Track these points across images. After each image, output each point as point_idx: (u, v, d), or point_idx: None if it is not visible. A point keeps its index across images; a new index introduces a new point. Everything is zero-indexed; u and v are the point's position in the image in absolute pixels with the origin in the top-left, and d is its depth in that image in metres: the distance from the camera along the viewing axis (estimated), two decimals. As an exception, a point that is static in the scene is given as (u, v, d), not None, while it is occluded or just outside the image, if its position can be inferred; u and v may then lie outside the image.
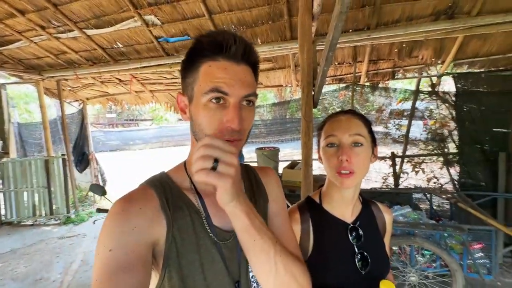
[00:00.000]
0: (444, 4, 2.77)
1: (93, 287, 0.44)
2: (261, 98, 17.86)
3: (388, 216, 0.86)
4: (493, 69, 3.46)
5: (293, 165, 3.56)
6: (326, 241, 0.77)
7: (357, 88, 4.11)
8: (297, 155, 5.93)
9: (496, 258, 2.84)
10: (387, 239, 0.85)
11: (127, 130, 17.51)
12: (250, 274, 0.60)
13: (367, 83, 4.11)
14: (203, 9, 3.04)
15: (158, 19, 3.23)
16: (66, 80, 4.71)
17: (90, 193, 5.78)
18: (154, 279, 0.52)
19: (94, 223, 2.26)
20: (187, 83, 0.54)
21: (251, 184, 0.68)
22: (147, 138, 16.49)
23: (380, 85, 4.15)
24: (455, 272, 2.22)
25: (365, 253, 0.76)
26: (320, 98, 2.82)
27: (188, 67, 0.54)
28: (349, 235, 0.77)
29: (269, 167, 0.75)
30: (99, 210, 2.21)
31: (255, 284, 0.61)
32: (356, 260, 0.75)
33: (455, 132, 3.77)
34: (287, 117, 8.59)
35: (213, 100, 0.50)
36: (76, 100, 5.57)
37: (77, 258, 3.47)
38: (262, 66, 3.83)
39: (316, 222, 0.78)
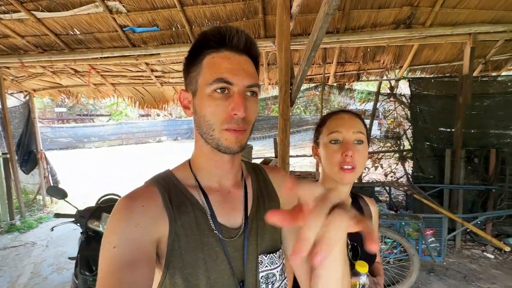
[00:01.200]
0: (404, 14, 3.04)
1: (98, 284, 0.44)
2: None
3: (374, 208, 0.92)
4: (440, 75, 3.92)
5: (266, 162, 3.61)
6: None
7: (326, 88, 4.31)
8: (269, 153, 6.02)
9: (444, 242, 3.24)
10: (375, 230, 0.91)
11: (81, 126, 15.93)
12: (260, 275, 0.58)
13: (335, 84, 4.33)
14: (175, 0, 2.90)
15: (124, 6, 2.99)
16: (8, 68, 4.10)
17: (39, 197, 5.15)
18: (158, 276, 0.51)
19: (52, 230, 2.02)
20: (191, 77, 0.55)
21: (259, 185, 0.66)
22: (104, 135, 15.21)
23: (346, 86, 4.41)
24: (412, 256, 2.47)
25: (355, 244, 0.81)
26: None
27: (192, 61, 0.54)
28: None
29: (278, 167, 0.75)
30: (58, 215, 1.97)
31: (263, 285, 0.58)
32: (347, 250, 0.78)
33: (409, 131, 4.19)
34: (257, 115, 8.66)
35: (218, 91, 0.50)
36: (21, 92, 4.89)
37: (26, 270, 3.07)
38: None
39: None
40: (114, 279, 0.43)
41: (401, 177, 4.50)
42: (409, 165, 4.31)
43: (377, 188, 4.31)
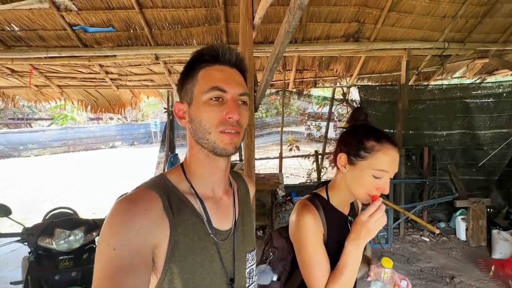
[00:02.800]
0: (352, 29, 3.39)
1: (95, 286, 0.44)
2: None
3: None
4: (384, 83, 4.44)
5: (231, 166, 3.65)
6: (335, 233, 0.85)
7: (286, 93, 4.54)
8: (233, 156, 6.06)
9: (391, 230, 3.67)
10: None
11: (15, 132, 13.92)
12: (247, 271, 0.65)
13: (294, 89, 4.59)
14: (133, 1, 2.79)
15: (74, 3, 2.77)
16: None
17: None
18: (152, 281, 0.52)
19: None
20: (186, 89, 0.60)
21: (242, 193, 0.75)
22: (45, 142, 13.54)
23: (304, 92, 4.70)
24: (365, 245, 2.76)
25: None
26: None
27: (188, 74, 0.60)
28: (348, 226, 0.89)
29: (250, 179, 0.84)
30: (0, 235, 1.75)
31: (248, 280, 0.65)
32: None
33: (360, 133, 4.65)
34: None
35: (213, 99, 0.56)
36: None
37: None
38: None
39: (328, 217, 0.85)
40: (115, 282, 0.43)
41: (354, 174, 4.95)
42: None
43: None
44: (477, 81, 4.74)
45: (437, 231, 1.31)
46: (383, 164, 0.77)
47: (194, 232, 0.56)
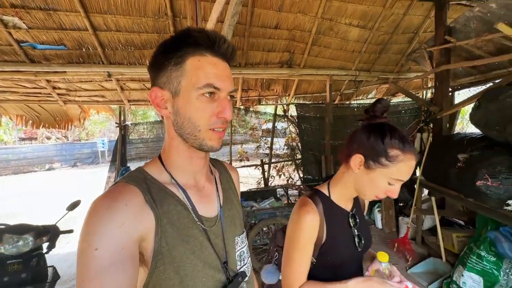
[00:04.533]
0: (285, 57, 4.13)
1: (78, 287, 0.43)
2: (141, 116, 16.69)
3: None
4: (315, 102, 5.30)
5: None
6: (336, 230, 0.85)
7: (234, 110, 5.07)
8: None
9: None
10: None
11: None
12: (237, 253, 0.66)
13: (242, 106, 5.15)
14: (87, 24, 3.02)
15: (24, 22, 2.88)
16: None
17: None
18: (142, 274, 0.52)
19: None
20: (171, 76, 0.54)
21: (224, 179, 0.75)
22: (-39, 166, 11.55)
23: (251, 109, 5.30)
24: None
25: (360, 234, 0.90)
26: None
27: (171, 56, 0.54)
28: (350, 221, 0.89)
29: (233, 166, 0.84)
30: None
31: (239, 263, 0.66)
32: (356, 241, 0.88)
33: (299, 144, 5.38)
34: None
35: (206, 95, 0.54)
36: None
37: None
38: (148, 85, 4.04)
39: (327, 213, 0.85)
40: (97, 281, 0.43)
41: (297, 180, 5.62)
42: (301, 170, 5.47)
43: (280, 190, 5.26)
44: (386, 101, 5.96)
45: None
46: (402, 174, 0.75)
47: (180, 221, 0.56)
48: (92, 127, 17.26)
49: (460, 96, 4.21)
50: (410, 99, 4.76)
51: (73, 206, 2.20)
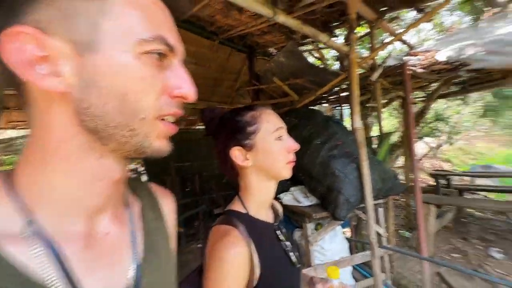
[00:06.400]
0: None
1: None
2: None
3: (279, 205, 0.87)
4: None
5: None
6: (267, 251, 0.67)
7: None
8: None
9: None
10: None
11: None
12: None
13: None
14: None
15: None
16: None
17: None
18: None
19: None
20: (72, 9, 0.28)
21: (154, 216, 0.45)
22: None
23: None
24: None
25: (292, 246, 0.75)
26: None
27: None
28: (277, 235, 0.74)
29: (168, 191, 0.52)
30: None
31: None
32: (291, 256, 0.72)
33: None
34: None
35: (154, 54, 0.31)
36: None
37: None
38: None
39: (253, 235, 0.65)
40: None
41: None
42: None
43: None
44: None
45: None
46: (273, 121, 0.71)
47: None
48: None
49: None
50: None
51: None
